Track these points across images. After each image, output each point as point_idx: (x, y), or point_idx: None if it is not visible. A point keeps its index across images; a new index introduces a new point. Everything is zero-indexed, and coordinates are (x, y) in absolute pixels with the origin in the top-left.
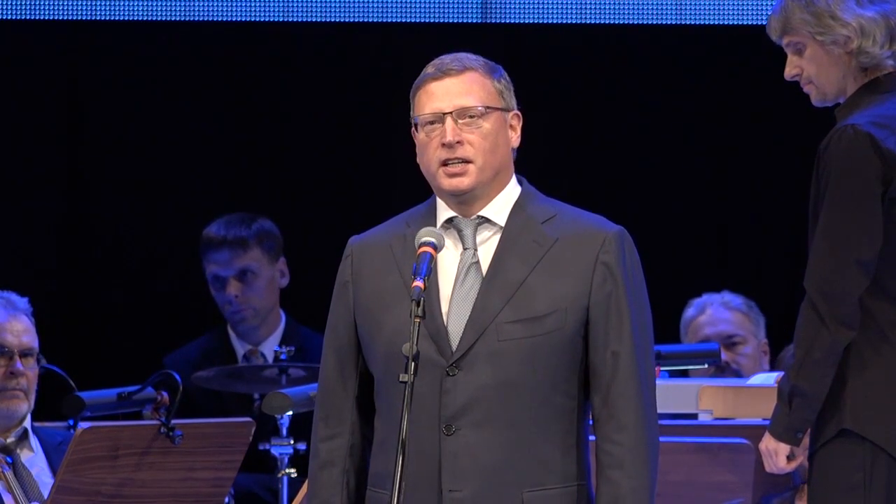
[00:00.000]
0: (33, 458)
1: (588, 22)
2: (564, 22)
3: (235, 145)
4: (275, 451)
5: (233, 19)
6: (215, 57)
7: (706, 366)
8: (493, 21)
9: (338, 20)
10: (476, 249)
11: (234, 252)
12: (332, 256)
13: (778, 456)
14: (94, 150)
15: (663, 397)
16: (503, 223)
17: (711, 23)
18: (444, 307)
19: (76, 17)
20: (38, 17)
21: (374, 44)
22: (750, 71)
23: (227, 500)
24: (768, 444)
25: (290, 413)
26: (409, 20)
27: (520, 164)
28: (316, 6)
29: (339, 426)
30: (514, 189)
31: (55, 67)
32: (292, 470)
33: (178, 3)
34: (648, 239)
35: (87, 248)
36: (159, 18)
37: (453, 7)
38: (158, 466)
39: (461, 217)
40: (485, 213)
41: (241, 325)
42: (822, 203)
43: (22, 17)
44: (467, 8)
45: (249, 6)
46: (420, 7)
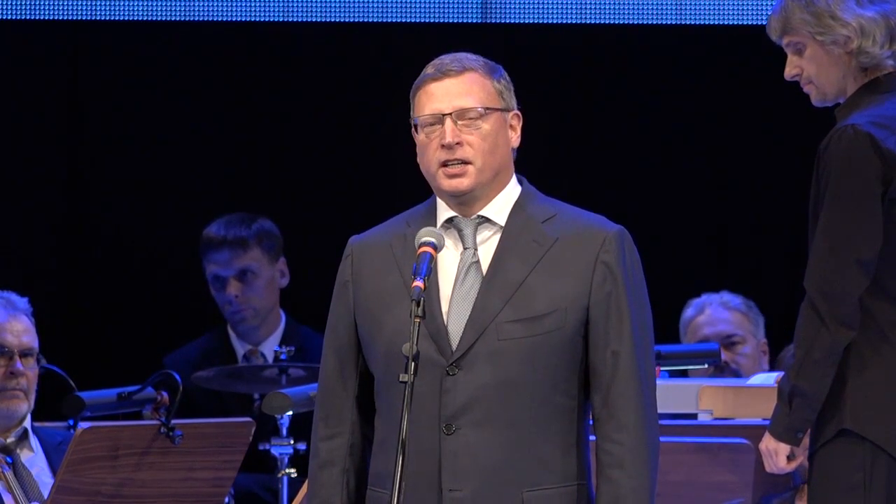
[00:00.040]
0: (33, 458)
1: (588, 22)
2: (564, 22)
3: (235, 145)
4: (275, 451)
5: (233, 19)
6: (215, 57)
7: (706, 366)
8: (492, 21)
9: (338, 20)
10: (476, 249)
11: (234, 252)
12: (332, 256)
13: (778, 456)
14: (94, 150)
15: (663, 397)
16: (503, 223)
17: (711, 23)
18: (444, 307)
19: (76, 17)
20: (38, 17)
21: (374, 44)
22: (750, 71)
23: (227, 500)
24: (768, 444)
25: (290, 413)
26: (409, 20)
27: (520, 164)
28: (316, 6)
29: (339, 426)
30: (514, 189)
31: (55, 67)
32: (292, 470)
33: (178, 3)
34: (648, 239)
35: (87, 248)
36: (159, 18)
37: (453, 7)
38: (158, 466)
39: (461, 217)
40: (485, 212)
41: (241, 325)
42: (822, 203)
43: (22, 17)
44: (467, 8)
45: (249, 6)
46: (420, 7)
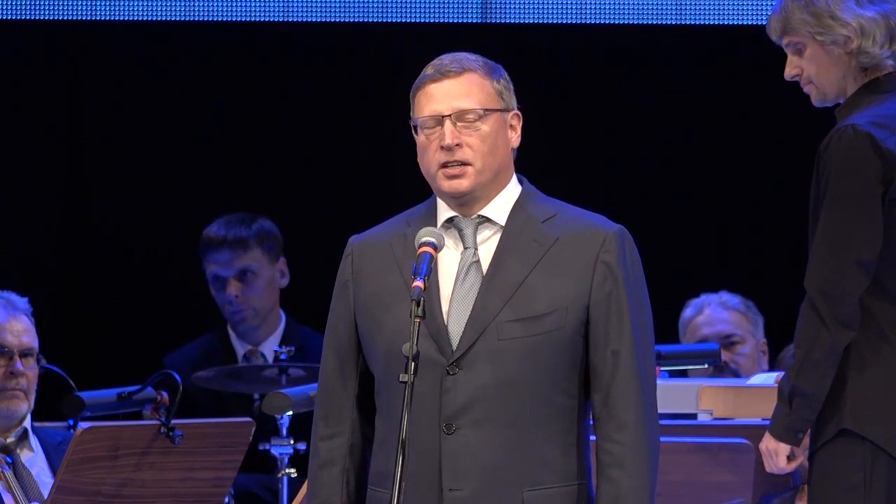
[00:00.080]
0: (33, 458)
1: (588, 22)
2: (564, 22)
3: (235, 145)
4: (275, 451)
5: (233, 19)
6: (215, 57)
7: (706, 366)
8: (493, 21)
9: (338, 20)
10: (476, 249)
11: (234, 252)
12: (332, 256)
13: (778, 456)
14: (94, 149)
15: (663, 397)
16: (503, 223)
17: (711, 23)
18: (444, 306)
19: (77, 17)
20: (38, 16)
21: (374, 44)
22: (750, 71)
23: (227, 500)
24: (768, 444)
25: (290, 413)
26: (409, 20)
27: (520, 164)
28: (316, 6)
29: (339, 425)
30: (514, 189)
31: (56, 67)
32: (292, 470)
33: (178, 3)
34: (648, 239)
35: (87, 248)
36: (159, 18)
37: (453, 7)
38: (158, 466)
39: (461, 217)
40: (485, 212)
41: (241, 325)
42: (822, 203)
43: (22, 16)
44: (467, 8)
45: (249, 6)
46: (420, 7)
